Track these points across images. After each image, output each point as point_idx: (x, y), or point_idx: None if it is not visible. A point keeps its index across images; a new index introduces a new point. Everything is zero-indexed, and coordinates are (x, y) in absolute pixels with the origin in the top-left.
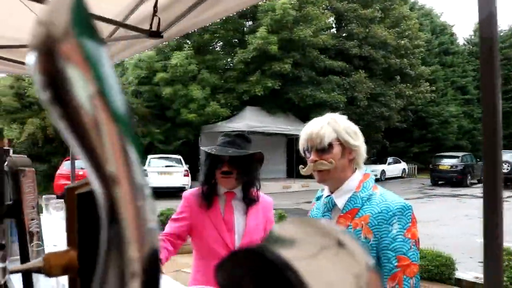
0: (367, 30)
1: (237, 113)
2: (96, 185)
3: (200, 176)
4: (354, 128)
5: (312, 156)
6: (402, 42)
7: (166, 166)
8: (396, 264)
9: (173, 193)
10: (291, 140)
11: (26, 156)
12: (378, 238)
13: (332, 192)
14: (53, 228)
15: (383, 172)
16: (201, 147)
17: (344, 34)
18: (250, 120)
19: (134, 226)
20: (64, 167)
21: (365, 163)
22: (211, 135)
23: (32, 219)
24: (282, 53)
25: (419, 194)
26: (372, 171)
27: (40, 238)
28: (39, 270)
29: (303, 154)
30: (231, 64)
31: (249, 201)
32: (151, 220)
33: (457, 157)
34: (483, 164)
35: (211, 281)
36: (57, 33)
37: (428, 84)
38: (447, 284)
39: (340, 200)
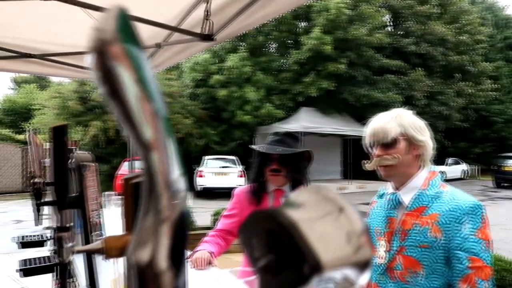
0: (425, 27)
1: (292, 114)
2: (139, 151)
3: (250, 174)
4: (421, 123)
5: (377, 151)
6: (462, 38)
7: (222, 167)
8: (468, 265)
9: (228, 193)
10: (347, 141)
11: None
12: (448, 237)
13: (397, 189)
14: (113, 223)
15: (442, 173)
16: (251, 146)
17: (400, 32)
18: (305, 121)
19: (165, 182)
20: (124, 168)
21: None
22: (266, 136)
23: (94, 210)
24: (337, 53)
25: (481, 196)
26: None
27: (100, 228)
28: (99, 251)
29: (367, 150)
30: (285, 66)
31: None
32: (179, 180)
33: None
34: None
35: None
36: (107, 38)
37: (491, 81)
38: None
39: (406, 197)
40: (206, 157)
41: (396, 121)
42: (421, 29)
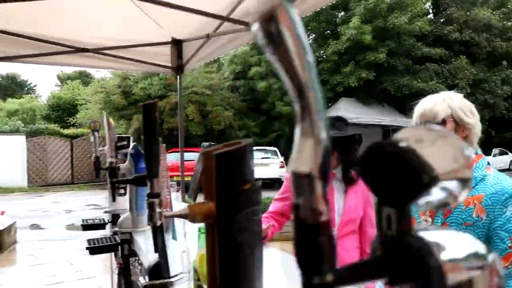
0: (468, 13)
1: (332, 105)
2: (293, 93)
3: None
4: (470, 106)
5: None
6: (509, 23)
7: (263, 158)
8: (510, 244)
9: (269, 184)
10: (387, 131)
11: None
12: (490, 218)
13: None
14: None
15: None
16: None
17: (442, 19)
18: (345, 111)
19: (315, 113)
20: (167, 160)
21: None
22: None
23: (164, 188)
24: (376, 43)
25: None
26: None
27: (170, 205)
28: (185, 216)
29: None
30: (324, 56)
31: (349, 181)
32: (323, 115)
33: None
34: None
35: None
36: (275, 4)
37: None
38: None
39: None
40: None
41: (446, 102)
42: (464, 16)
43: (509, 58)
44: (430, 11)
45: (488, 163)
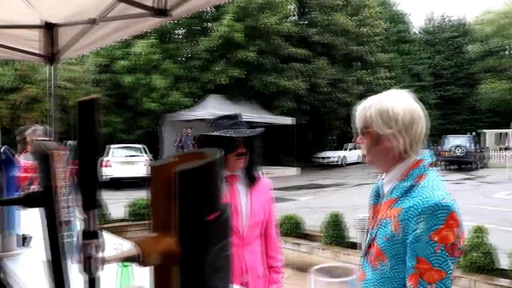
0: (329, 17)
1: (200, 102)
2: None
3: None
4: (396, 112)
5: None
6: (364, 30)
7: (129, 156)
8: (414, 264)
9: (136, 183)
10: (254, 128)
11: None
12: (405, 233)
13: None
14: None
15: (343, 158)
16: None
17: (306, 22)
18: (212, 108)
19: None
20: (23, 159)
21: (325, 149)
22: (173, 123)
23: (64, 208)
24: (247, 41)
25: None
26: (331, 157)
27: (71, 228)
28: (134, 259)
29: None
30: (193, 52)
31: (251, 181)
32: None
33: None
34: None
35: None
36: None
37: (387, 70)
38: None
39: (386, 187)
40: (112, 145)
41: (364, 111)
42: (326, 20)
43: (361, 60)
44: (295, 13)
45: (344, 158)
